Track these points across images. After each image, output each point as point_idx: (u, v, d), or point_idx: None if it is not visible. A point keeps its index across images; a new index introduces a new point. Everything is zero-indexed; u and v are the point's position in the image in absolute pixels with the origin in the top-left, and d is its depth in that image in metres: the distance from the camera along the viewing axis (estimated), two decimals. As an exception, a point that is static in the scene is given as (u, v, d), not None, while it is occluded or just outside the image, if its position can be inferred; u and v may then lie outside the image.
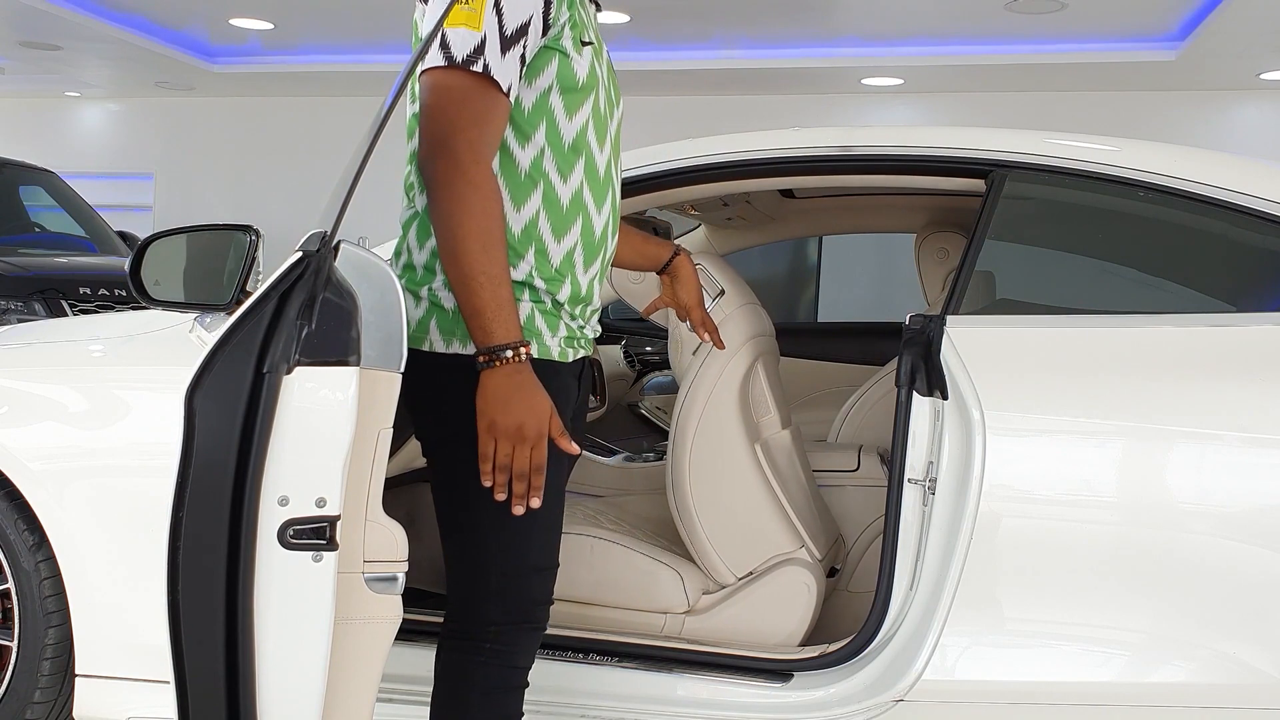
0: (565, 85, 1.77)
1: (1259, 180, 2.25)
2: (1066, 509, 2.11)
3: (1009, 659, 2.12)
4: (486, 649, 1.80)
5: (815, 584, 2.46)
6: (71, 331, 2.77)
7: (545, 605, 1.85)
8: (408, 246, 1.82)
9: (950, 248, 3.34)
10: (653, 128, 5.45)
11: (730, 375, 2.49)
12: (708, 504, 2.49)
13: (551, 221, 1.78)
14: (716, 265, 2.55)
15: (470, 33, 1.67)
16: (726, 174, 2.50)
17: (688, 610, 2.47)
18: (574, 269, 1.81)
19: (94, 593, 2.28)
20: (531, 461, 1.69)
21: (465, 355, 1.73)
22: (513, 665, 1.83)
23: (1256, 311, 2.26)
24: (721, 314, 2.48)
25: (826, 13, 7.14)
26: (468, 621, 1.82)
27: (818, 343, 3.94)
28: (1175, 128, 8.28)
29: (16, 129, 10.46)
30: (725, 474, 2.50)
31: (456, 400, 1.74)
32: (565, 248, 1.80)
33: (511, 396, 1.67)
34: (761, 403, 2.62)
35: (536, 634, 1.85)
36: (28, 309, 5.81)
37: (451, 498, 1.81)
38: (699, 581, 2.49)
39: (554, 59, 1.76)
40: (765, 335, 2.65)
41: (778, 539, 2.50)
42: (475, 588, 1.81)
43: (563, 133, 1.78)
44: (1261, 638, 2.05)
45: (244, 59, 8.97)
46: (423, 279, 1.78)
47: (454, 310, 1.74)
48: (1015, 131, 2.40)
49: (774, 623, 2.44)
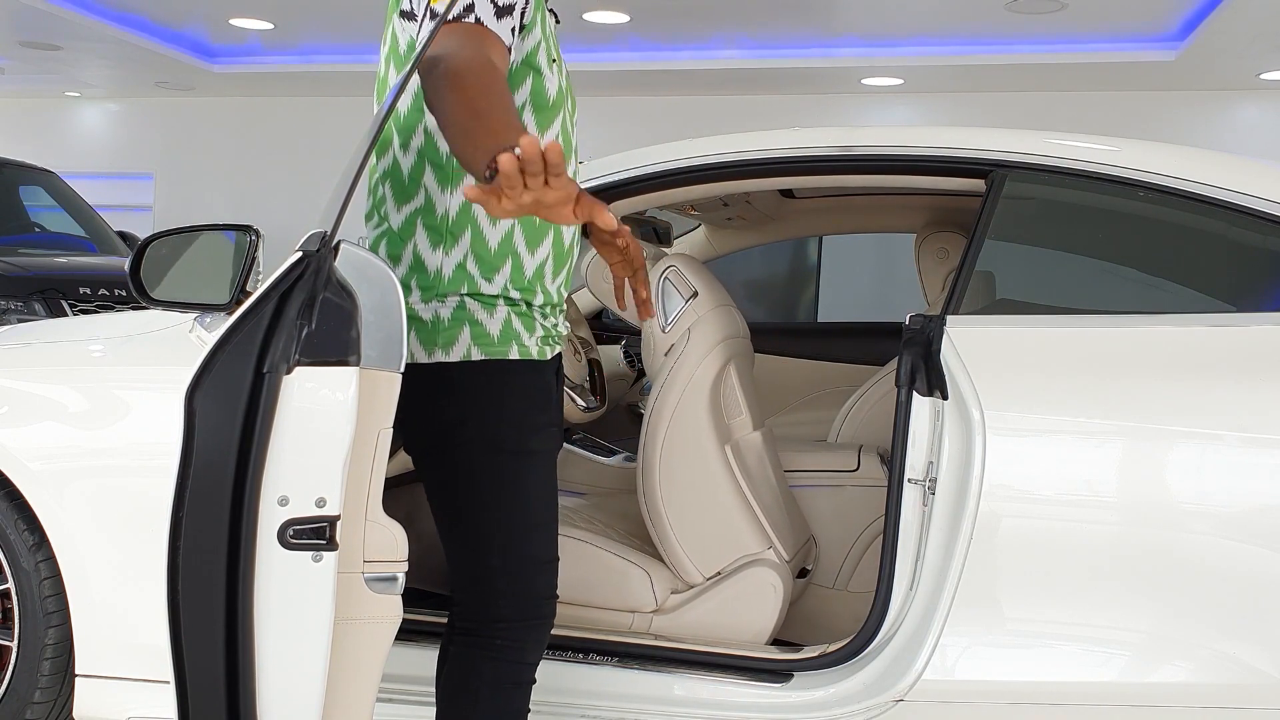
0: (538, 103, 1.79)
1: (1259, 180, 2.25)
2: (1066, 509, 2.11)
3: (1009, 659, 2.12)
4: (496, 645, 1.81)
5: (782, 584, 2.48)
6: (71, 331, 2.76)
7: (552, 600, 1.86)
8: None
9: (950, 248, 3.34)
10: (653, 128, 5.46)
11: (702, 377, 2.50)
12: (677, 504, 2.51)
13: (526, 235, 1.81)
14: (690, 267, 2.55)
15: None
16: (726, 174, 2.50)
17: (656, 609, 2.48)
18: (544, 279, 1.85)
19: (94, 593, 2.28)
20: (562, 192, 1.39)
21: (448, 364, 1.76)
22: (522, 661, 1.84)
23: (1256, 311, 2.26)
24: (694, 315, 2.49)
25: (827, 13, 7.14)
26: (476, 620, 1.83)
27: (818, 343, 3.94)
28: (1175, 128, 8.28)
29: (16, 129, 10.46)
30: (695, 475, 2.51)
31: (448, 406, 1.77)
32: (538, 260, 1.83)
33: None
34: (734, 404, 2.63)
35: (544, 628, 1.86)
36: (28, 309, 5.81)
37: (449, 501, 1.83)
38: (667, 581, 2.51)
39: (529, 77, 1.78)
40: (739, 337, 2.65)
41: (745, 540, 2.51)
42: (481, 586, 1.82)
43: None
44: (1261, 638, 2.05)
45: (244, 59, 8.97)
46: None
47: (432, 321, 1.78)
48: (1015, 131, 2.40)
49: (741, 622, 2.46)
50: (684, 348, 2.48)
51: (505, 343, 1.79)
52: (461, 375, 1.77)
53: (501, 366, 1.79)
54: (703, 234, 3.75)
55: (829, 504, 2.92)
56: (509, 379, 1.79)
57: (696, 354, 2.49)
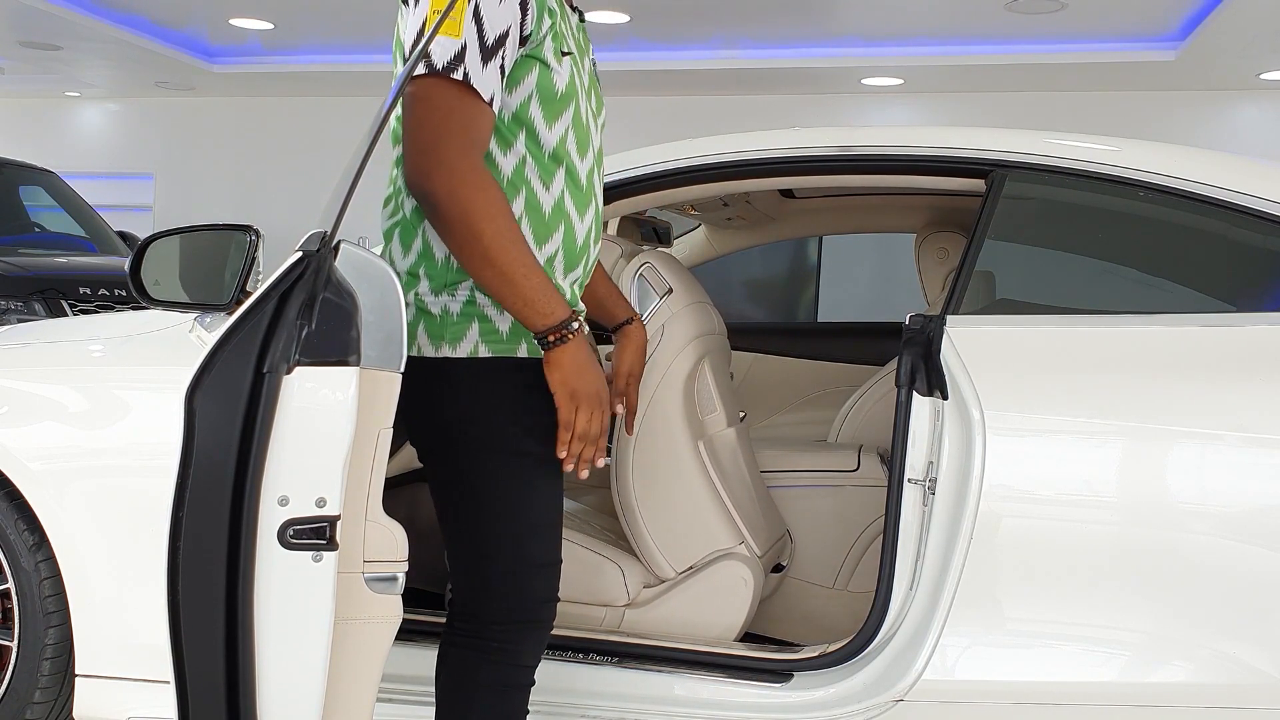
0: (545, 95, 1.77)
1: (1259, 180, 2.25)
2: (1066, 509, 2.11)
3: (1009, 659, 2.12)
4: (494, 648, 1.80)
5: (753, 579, 2.48)
6: (71, 331, 2.76)
7: (551, 603, 1.85)
8: (390, 254, 1.82)
9: (950, 248, 3.34)
10: (653, 128, 5.46)
11: (674, 373, 2.51)
12: (649, 499, 2.51)
13: (534, 228, 1.78)
14: (666, 264, 2.56)
15: (450, 40, 1.65)
16: (726, 174, 2.50)
17: (628, 603, 2.48)
18: (555, 275, 1.81)
19: (94, 592, 2.28)
20: (603, 422, 1.77)
21: (453, 359, 1.75)
22: (519, 664, 1.83)
23: (1256, 311, 2.26)
24: (668, 312, 2.49)
25: (826, 13, 7.14)
26: (473, 621, 1.82)
27: (818, 343, 3.94)
28: (1175, 128, 8.28)
29: (16, 129, 10.46)
30: (667, 470, 2.51)
31: (451, 403, 1.76)
32: (546, 254, 1.80)
33: (586, 364, 1.74)
34: (708, 401, 2.64)
35: (542, 632, 1.85)
36: (28, 309, 5.81)
37: (454, 499, 1.81)
38: (640, 575, 2.51)
39: (534, 68, 1.76)
40: (713, 334, 2.65)
41: (718, 534, 2.52)
42: (480, 587, 1.81)
43: (543, 141, 1.78)
44: (1261, 638, 2.05)
45: (244, 59, 8.97)
46: (408, 284, 1.78)
47: (441, 314, 1.76)
48: (1015, 131, 2.40)
49: (711, 616, 2.46)
50: (657, 344, 2.48)
51: (515, 340, 1.77)
52: (466, 372, 1.76)
53: (510, 364, 1.77)
54: (703, 234, 3.75)
55: (829, 504, 2.92)
56: (517, 378, 1.77)
57: (670, 350, 2.49)
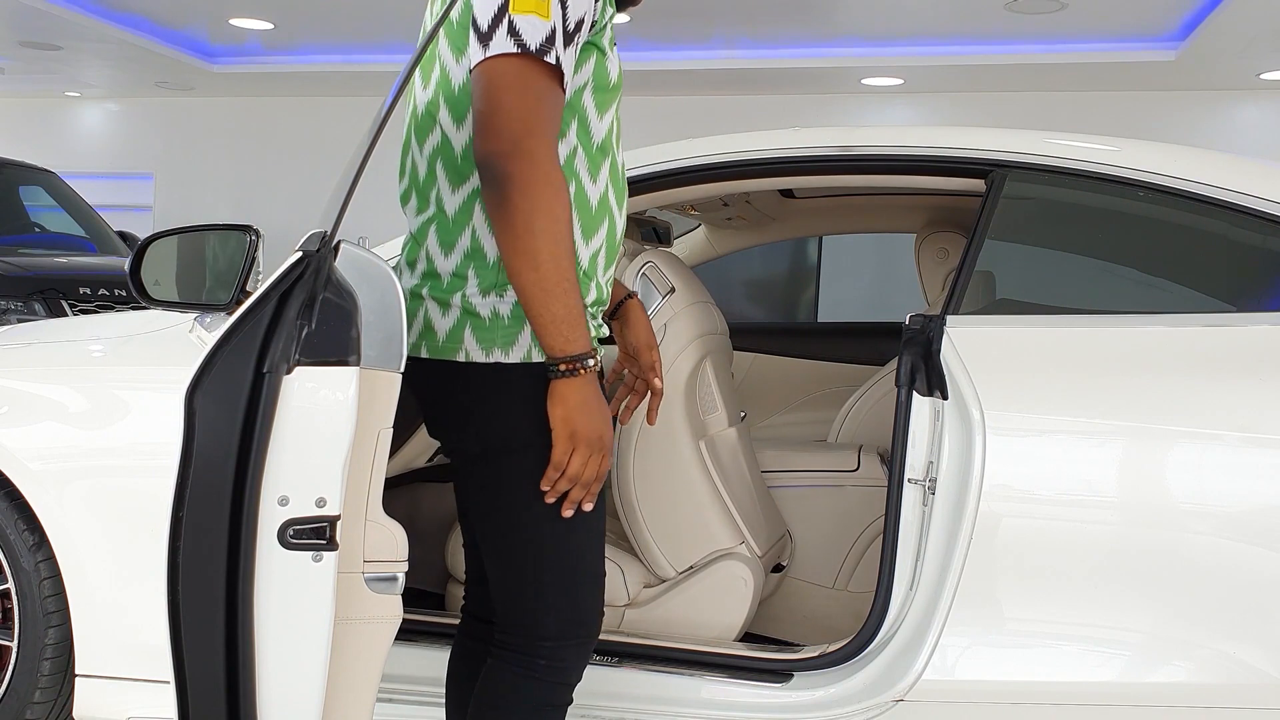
0: (599, 84, 1.70)
1: (1259, 180, 2.25)
2: (1067, 509, 2.11)
3: (1009, 659, 2.12)
4: (541, 665, 1.74)
5: (752, 579, 2.49)
6: (71, 331, 2.76)
7: (599, 618, 1.80)
8: (427, 253, 1.72)
9: (950, 248, 3.34)
10: (653, 128, 5.45)
11: (676, 373, 2.51)
12: (650, 499, 2.52)
13: (582, 223, 1.70)
14: (668, 263, 2.56)
15: (540, 20, 1.57)
16: (726, 174, 2.50)
17: (628, 603, 2.49)
18: (598, 272, 1.73)
19: (94, 592, 2.28)
20: (600, 469, 1.67)
21: (507, 364, 1.67)
22: (564, 682, 1.77)
23: (1256, 311, 2.26)
24: (670, 311, 2.49)
25: (826, 13, 7.14)
26: (523, 635, 1.75)
27: (818, 343, 3.94)
28: (1175, 128, 8.28)
29: (16, 129, 10.46)
30: (668, 470, 2.52)
31: (506, 411, 1.68)
32: (592, 249, 1.72)
33: (593, 403, 1.64)
34: (709, 400, 2.64)
35: (587, 648, 1.79)
36: (28, 309, 5.82)
37: (499, 509, 1.73)
38: (640, 575, 2.52)
39: (593, 56, 1.68)
40: (715, 334, 2.65)
41: (718, 534, 2.53)
42: (531, 602, 1.74)
43: (593, 132, 1.71)
44: (1261, 638, 2.05)
45: (244, 59, 8.97)
46: (451, 285, 1.69)
47: (490, 317, 1.67)
48: (1015, 131, 2.40)
49: (711, 616, 2.47)
50: (660, 343, 2.48)
51: None
52: (523, 378, 1.67)
53: None
54: (703, 234, 3.75)
55: (829, 504, 2.92)
56: None
57: (672, 349, 2.50)
